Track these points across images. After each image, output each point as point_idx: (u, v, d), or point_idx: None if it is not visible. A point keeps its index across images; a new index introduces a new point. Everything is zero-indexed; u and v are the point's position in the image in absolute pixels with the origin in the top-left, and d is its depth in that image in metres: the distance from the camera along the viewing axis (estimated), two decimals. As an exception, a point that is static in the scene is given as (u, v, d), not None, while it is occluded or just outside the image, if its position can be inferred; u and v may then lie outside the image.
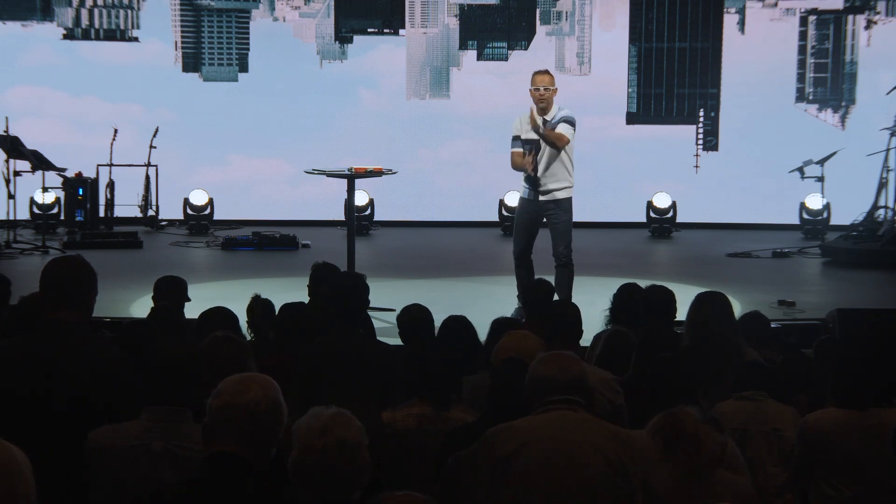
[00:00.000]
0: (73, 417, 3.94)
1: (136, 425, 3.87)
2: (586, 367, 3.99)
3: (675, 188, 14.20)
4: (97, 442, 3.86)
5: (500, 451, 3.74)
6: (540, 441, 3.72)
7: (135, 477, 3.77)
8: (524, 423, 3.82)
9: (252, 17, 14.70)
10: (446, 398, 4.69)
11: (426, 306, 6.14)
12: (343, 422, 3.17)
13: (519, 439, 3.74)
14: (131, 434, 3.85)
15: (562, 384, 3.81)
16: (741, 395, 5.03)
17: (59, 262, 4.30)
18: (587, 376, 3.92)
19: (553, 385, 3.81)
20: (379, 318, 7.81)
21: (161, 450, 3.80)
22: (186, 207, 13.92)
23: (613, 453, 3.70)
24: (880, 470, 4.38)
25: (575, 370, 3.87)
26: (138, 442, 3.82)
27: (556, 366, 3.86)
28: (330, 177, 9.10)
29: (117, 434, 3.86)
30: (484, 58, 14.76)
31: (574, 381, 3.84)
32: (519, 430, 3.79)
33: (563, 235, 8.35)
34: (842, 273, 11.24)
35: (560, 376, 3.82)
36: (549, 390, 3.82)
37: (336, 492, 3.13)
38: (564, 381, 3.82)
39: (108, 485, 3.83)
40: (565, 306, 5.57)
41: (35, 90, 14.64)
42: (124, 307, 8.59)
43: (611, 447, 3.71)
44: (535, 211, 8.42)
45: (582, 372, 3.89)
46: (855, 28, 14.64)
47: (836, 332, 7.06)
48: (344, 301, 5.44)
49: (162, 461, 3.78)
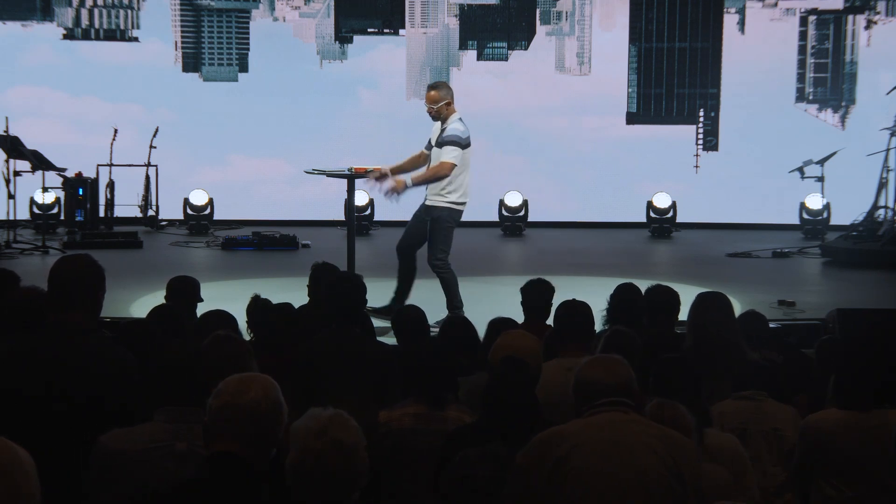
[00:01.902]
0: (82, 418, 3.93)
1: (152, 427, 3.83)
2: (631, 370, 3.96)
3: (675, 188, 14.20)
4: (110, 446, 3.81)
5: (553, 454, 3.71)
6: (593, 443, 3.71)
7: (158, 479, 3.71)
8: (574, 426, 3.80)
9: (252, 17, 14.70)
10: (441, 398, 4.68)
11: (420, 308, 6.16)
12: (341, 423, 3.17)
13: (571, 442, 3.72)
14: (150, 436, 3.81)
15: (611, 387, 3.81)
16: (741, 395, 5.04)
17: (68, 261, 4.27)
18: (634, 378, 3.91)
19: (602, 388, 3.81)
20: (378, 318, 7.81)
21: (185, 450, 3.76)
22: (186, 207, 13.92)
23: (667, 454, 3.69)
24: (881, 470, 4.38)
25: (623, 373, 3.87)
26: (160, 444, 3.79)
27: (604, 369, 3.86)
28: (330, 177, 9.09)
29: (132, 437, 3.82)
30: (484, 58, 14.76)
31: (623, 384, 3.84)
32: (570, 433, 3.76)
33: (437, 243, 8.37)
34: (842, 273, 11.24)
35: (609, 380, 3.82)
36: (597, 393, 3.81)
37: (334, 493, 3.13)
38: (614, 384, 3.81)
39: (129, 488, 3.77)
40: (576, 306, 5.56)
41: (35, 90, 14.64)
42: (124, 307, 8.59)
43: (663, 448, 3.70)
44: (421, 213, 8.59)
45: (630, 375, 3.89)
46: (855, 28, 14.64)
47: (836, 332, 7.05)
48: (339, 300, 5.45)
49: (186, 461, 3.73)
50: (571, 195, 14.91)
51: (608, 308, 6.19)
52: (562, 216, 14.68)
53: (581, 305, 5.57)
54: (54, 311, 4.14)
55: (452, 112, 8.38)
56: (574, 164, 14.84)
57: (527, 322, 6.31)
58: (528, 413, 4.22)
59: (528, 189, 14.17)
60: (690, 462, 3.74)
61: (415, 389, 4.77)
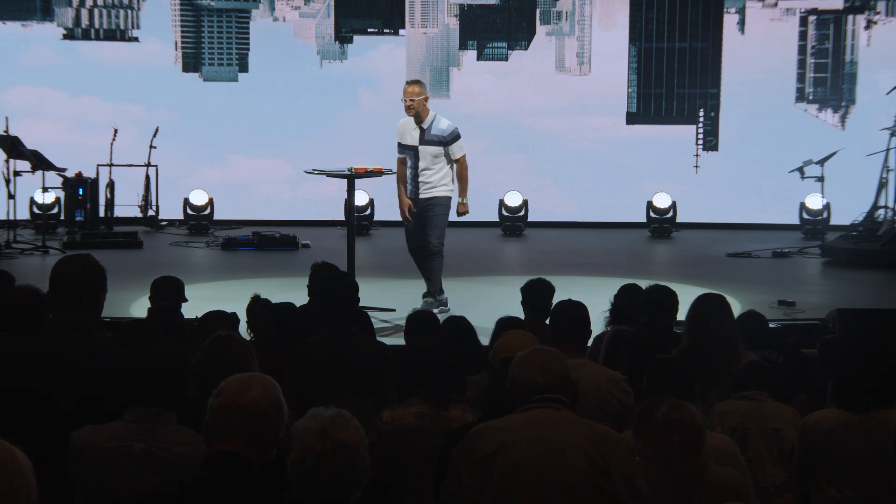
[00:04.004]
0: (83, 417, 3.93)
1: (119, 426, 3.84)
2: (568, 363, 3.92)
3: (675, 188, 14.20)
4: (80, 442, 3.84)
5: (481, 451, 3.72)
6: (520, 441, 3.70)
7: (117, 478, 3.74)
8: (504, 422, 3.79)
9: (252, 17, 14.70)
10: (444, 397, 4.68)
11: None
12: (342, 423, 3.17)
13: (499, 439, 3.72)
14: (114, 435, 3.82)
15: (544, 385, 3.77)
16: (741, 394, 5.04)
17: (69, 261, 4.27)
18: (570, 373, 3.86)
19: (536, 385, 3.77)
20: (378, 318, 7.82)
21: (142, 451, 3.77)
22: (186, 207, 13.92)
23: (596, 452, 3.67)
24: (882, 470, 4.38)
25: (557, 369, 3.81)
26: (121, 443, 3.79)
27: (537, 366, 3.81)
28: (330, 177, 9.11)
29: (100, 434, 3.84)
30: (484, 58, 14.76)
31: (556, 380, 3.79)
32: (499, 429, 3.76)
33: (435, 228, 8.98)
34: (842, 273, 11.24)
35: (542, 377, 3.78)
36: (531, 390, 3.78)
37: (335, 493, 3.13)
38: (547, 381, 3.78)
39: (93, 486, 3.81)
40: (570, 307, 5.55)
41: (35, 90, 14.64)
42: (124, 307, 8.59)
43: (593, 445, 3.68)
44: (418, 211, 9.01)
45: (564, 370, 3.83)
46: (855, 28, 14.64)
47: (836, 332, 7.05)
48: (331, 300, 5.45)
49: (143, 463, 3.75)
50: (571, 195, 14.91)
51: (611, 308, 6.20)
52: (562, 216, 14.68)
53: (576, 305, 5.57)
54: (56, 310, 4.14)
55: (428, 111, 8.94)
56: (574, 164, 14.84)
57: (527, 322, 6.31)
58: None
59: (528, 189, 14.17)
60: (623, 460, 3.71)
61: (419, 389, 4.77)
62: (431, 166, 8.92)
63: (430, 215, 8.95)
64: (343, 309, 5.47)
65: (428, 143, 8.88)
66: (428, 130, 8.89)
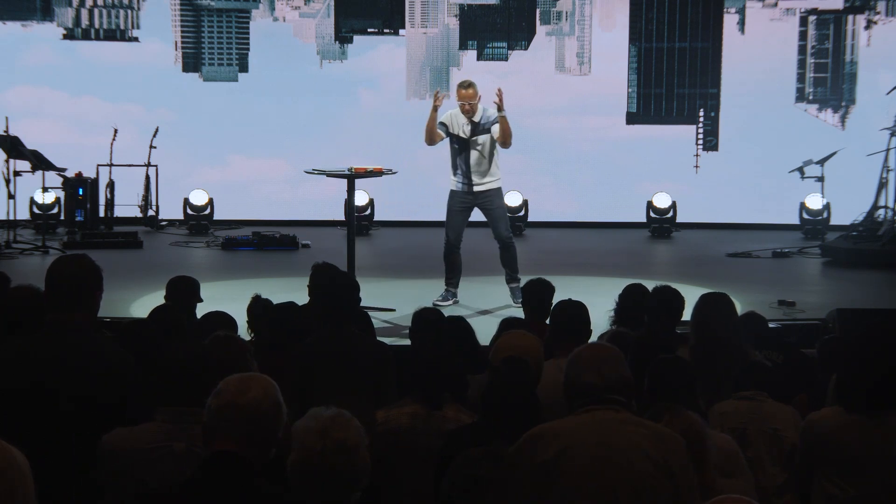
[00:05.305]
0: (82, 418, 3.93)
1: (153, 427, 3.84)
2: (625, 361, 3.84)
3: (675, 188, 14.21)
4: (112, 445, 3.82)
5: (542, 455, 3.63)
6: (583, 444, 3.63)
7: (158, 479, 3.72)
8: (564, 424, 3.72)
9: (252, 17, 14.71)
10: (437, 397, 4.65)
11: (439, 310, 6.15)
12: (342, 423, 3.17)
13: (560, 443, 3.64)
14: (150, 437, 3.81)
15: (602, 386, 3.71)
16: (741, 395, 5.03)
17: (65, 261, 4.27)
18: (627, 372, 3.80)
19: (593, 387, 3.71)
20: (378, 318, 7.81)
21: (183, 451, 3.76)
22: (186, 207, 13.92)
23: (659, 454, 3.62)
24: (884, 469, 4.37)
25: (614, 369, 3.75)
26: (159, 444, 3.79)
27: (594, 366, 3.75)
28: (330, 177, 9.10)
29: (134, 437, 3.83)
30: (484, 58, 14.76)
31: (614, 381, 3.73)
32: (560, 433, 3.68)
33: (501, 220, 9.30)
34: (842, 273, 11.24)
35: (599, 381, 3.71)
36: (588, 392, 3.71)
37: (335, 493, 3.13)
38: (605, 382, 3.72)
39: (130, 487, 3.78)
40: (570, 307, 5.55)
41: (35, 90, 14.64)
42: (124, 307, 8.59)
43: (656, 447, 3.63)
44: (469, 202, 9.26)
45: (622, 369, 3.77)
46: (855, 28, 14.64)
47: (836, 332, 7.05)
48: (332, 300, 5.45)
49: (185, 462, 3.73)
50: (571, 195, 14.91)
51: (616, 308, 6.19)
52: (562, 216, 14.68)
53: (576, 305, 5.56)
54: (52, 310, 4.14)
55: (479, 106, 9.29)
56: (574, 164, 14.83)
57: (527, 322, 6.31)
58: (528, 413, 4.21)
59: (528, 189, 14.17)
60: (682, 461, 3.68)
61: (411, 389, 4.76)
62: (484, 155, 9.16)
63: (492, 208, 9.23)
64: (343, 309, 5.47)
65: (480, 133, 9.19)
66: (479, 123, 9.21)
